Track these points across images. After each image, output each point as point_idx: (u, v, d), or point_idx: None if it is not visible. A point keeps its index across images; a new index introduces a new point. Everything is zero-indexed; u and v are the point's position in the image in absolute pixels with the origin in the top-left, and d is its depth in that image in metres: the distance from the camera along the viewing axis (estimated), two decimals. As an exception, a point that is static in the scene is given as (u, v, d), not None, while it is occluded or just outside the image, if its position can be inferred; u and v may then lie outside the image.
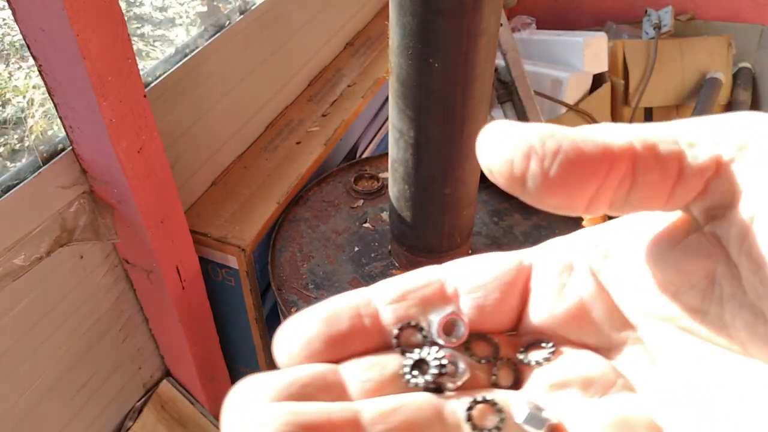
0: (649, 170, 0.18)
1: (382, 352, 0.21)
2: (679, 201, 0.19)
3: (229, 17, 1.07)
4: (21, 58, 1.03)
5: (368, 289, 0.22)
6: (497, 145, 0.19)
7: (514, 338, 0.23)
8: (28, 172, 0.79)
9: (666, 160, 0.19)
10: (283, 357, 0.21)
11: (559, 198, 0.19)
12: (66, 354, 0.92)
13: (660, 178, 0.19)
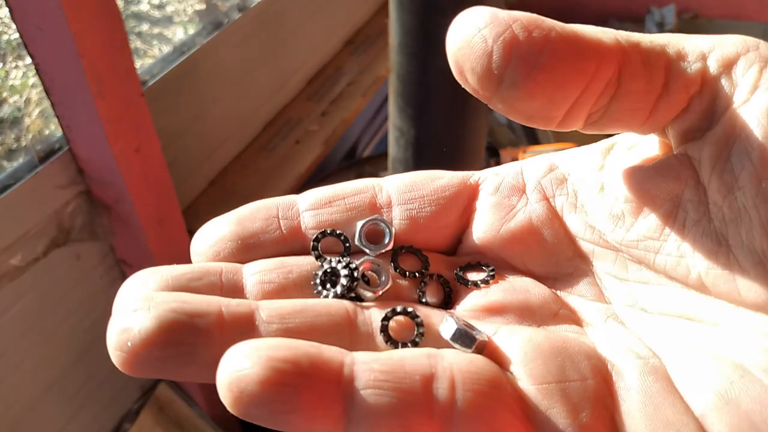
0: (636, 77, 0.17)
1: (294, 257, 0.19)
2: (659, 120, 0.18)
3: (227, 15, 1.07)
4: (18, 57, 1.02)
5: (296, 195, 0.21)
6: (473, 35, 0.17)
7: (453, 259, 0.21)
8: (25, 171, 0.79)
9: (653, 67, 0.17)
10: (194, 255, 0.19)
11: (537, 102, 0.16)
12: (63, 356, 0.91)
13: (645, 89, 0.17)
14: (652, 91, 0.17)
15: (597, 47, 0.17)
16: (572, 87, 0.17)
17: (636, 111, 0.17)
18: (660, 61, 0.17)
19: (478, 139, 0.80)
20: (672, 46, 0.18)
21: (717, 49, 0.17)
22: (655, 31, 2.23)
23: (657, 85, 0.17)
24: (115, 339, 0.16)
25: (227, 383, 0.14)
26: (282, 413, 0.14)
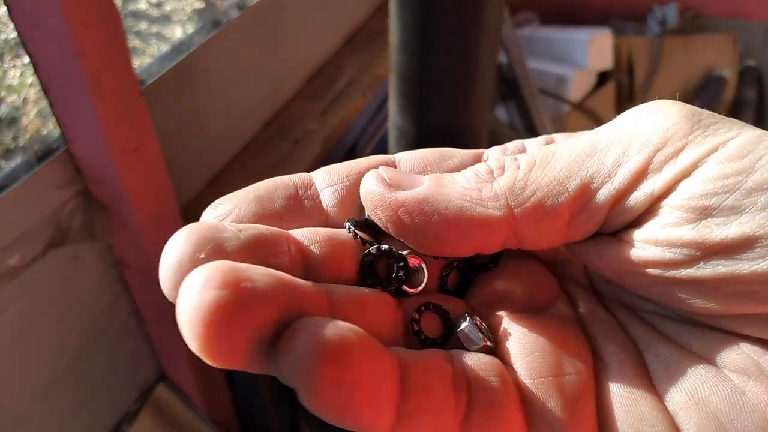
0: (536, 230, 0.17)
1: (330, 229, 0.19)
2: (578, 233, 0.17)
3: (226, 14, 1.06)
4: (16, 56, 1.02)
5: (308, 173, 0.20)
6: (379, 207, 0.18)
7: None
8: (23, 171, 0.78)
9: (553, 215, 0.16)
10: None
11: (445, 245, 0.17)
12: (60, 357, 0.91)
13: (550, 229, 0.17)
14: (558, 226, 0.17)
15: (482, 222, 0.17)
16: (467, 245, 0.17)
17: (548, 240, 0.17)
18: (560, 207, 0.17)
19: (479, 137, 0.80)
20: (574, 177, 0.16)
21: (623, 166, 0.16)
22: (656, 30, 2.23)
23: (562, 220, 0.17)
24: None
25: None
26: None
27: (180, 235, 0.17)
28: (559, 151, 0.16)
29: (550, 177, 0.16)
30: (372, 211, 0.18)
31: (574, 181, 0.16)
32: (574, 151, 0.16)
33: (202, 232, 0.17)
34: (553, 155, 0.16)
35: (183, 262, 0.17)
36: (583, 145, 0.16)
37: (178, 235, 0.17)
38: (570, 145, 0.16)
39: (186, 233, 0.17)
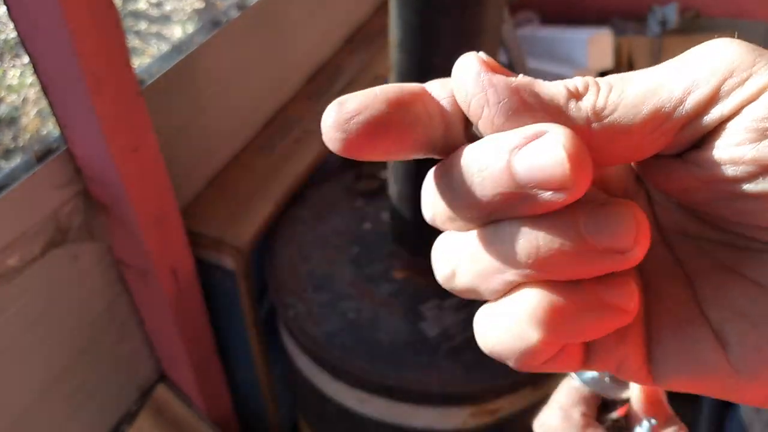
0: (609, 146, 0.17)
1: None
2: (647, 152, 0.18)
3: (226, 14, 1.06)
4: (15, 56, 1.02)
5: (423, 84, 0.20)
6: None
7: None
8: (22, 171, 0.78)
9: (627, 133, 0.17)
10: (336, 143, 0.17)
11: None
12: (59, 357, 0.91)
13: (623, 146, 0.17)
14: (628, 149, 0.18)
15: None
16: None
17: (625, 156, 0.18)
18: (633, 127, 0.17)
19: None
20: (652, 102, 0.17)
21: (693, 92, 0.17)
22: (657, 30, 2.22)
23: (632, 144, 0.17)
24: None
25: None
26: None
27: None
28: (635, 78, 0.18)
29: (627, 101, 0.17)
30: (462, 86, 0.18)
31: (648, 106, 0.17)
32: (646, 82, 0.18)
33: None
34: (630, 80, 0.18)
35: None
36: (653, 77, 0.18)
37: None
38: (642, 76, 0.18)
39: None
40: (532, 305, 0.16)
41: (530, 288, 0.17)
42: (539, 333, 0.16)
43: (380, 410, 0.88)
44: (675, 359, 0.18)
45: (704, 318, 0.18)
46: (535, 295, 0.16)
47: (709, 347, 0.17)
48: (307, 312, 0.91)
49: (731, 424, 1.43)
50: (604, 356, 0.18)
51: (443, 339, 0.87)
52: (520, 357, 0.17)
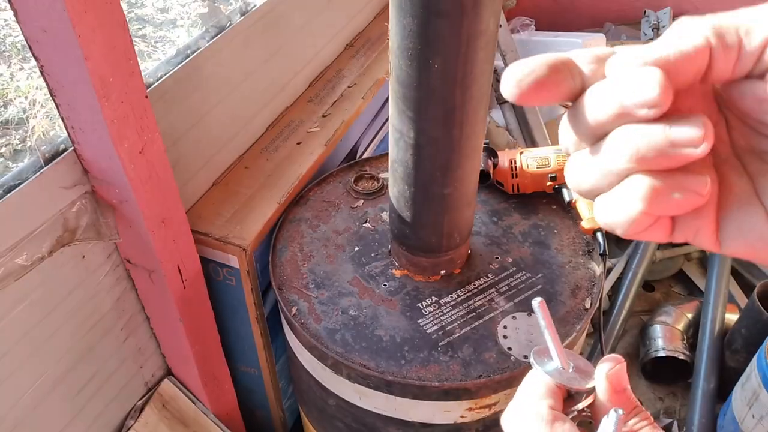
0: (719, 58, 0.23)
1: None
2: (742, 70, 0.24)
3: (230, 18, 1.08)
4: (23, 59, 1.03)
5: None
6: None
7: None
8: (30, 172, 0.79)
9: (730, 48, 0.23)
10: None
11: None
12: (68, 353, 0.92)
13: (727, 63, 0.23)
14: (729, 67, 0.24)
15: (701, 45, 0.24)
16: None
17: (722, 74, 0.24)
18: (735, 42, 0.24)
19: (477, 140, 0.82)
20: (742, 26, 0.23)
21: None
22: (650, 34, 2.24)
23: (733, 56, 0.24)
24: None
25: None
26: None
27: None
28: (731, 13, 0.24)
29: (729, 24, 0.23)
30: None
31: (741, 29, 0.23)
32: (735, 16, 0.24)
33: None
34: (729, 15, 0.24)
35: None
36: (738, 15, 0.24)
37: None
38: (729, 15, 0.24)
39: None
40: (638, 186, 0.24)
41: (636, 176, 0.24)
42: (642, 205, 0.24)
43: (380, 404, 0.89)
44: (737, 232, 0.25)
45: (761, 203, 0.25)
46: (640, 179, 0.24)
47: (763, 223, 0.25)
48: (309, 309, 0.93)
49: (724, 417, 1.45)
50: (685, 227, 0.26)
51: (441, 335, 0.89)
52: (627, 224, 0.24)
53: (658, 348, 1.62)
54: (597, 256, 0.99)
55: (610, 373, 0.33)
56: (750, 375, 1.34)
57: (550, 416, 0.32)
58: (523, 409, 0.33)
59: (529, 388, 0.34)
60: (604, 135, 0.25)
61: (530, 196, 1.09)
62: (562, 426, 0.32)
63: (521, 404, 0.33)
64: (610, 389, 0.33)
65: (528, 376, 0.35)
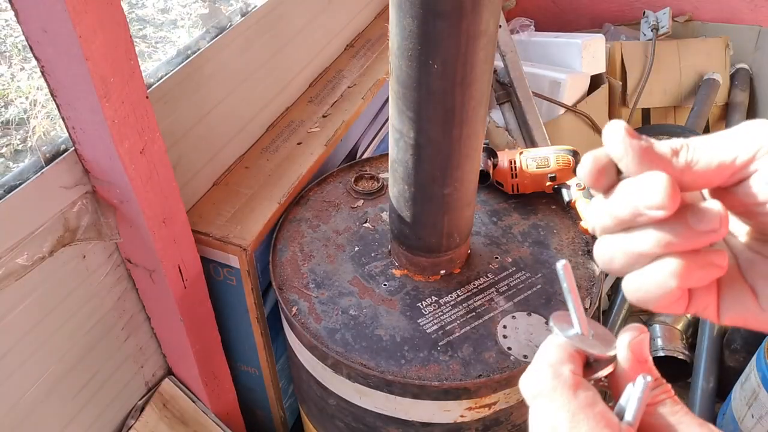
0: (695, 179, 0.29)
1: None
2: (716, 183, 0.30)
3: (230, 19, 1.08)
4: (24, 59, 1.04)
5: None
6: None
7: None
8: (31, 172, 0.79)
9: (706, 172, 0.29)
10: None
11: None
12: (68, 353, 0.92)
13: (702, 181, 0.30)
14: (705, 183, 0.30)
15: (673, 168, 0.30)
16: None
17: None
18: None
19: (476, 140, 0.82)
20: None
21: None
22: (649, 35, 2.24)
23: (708, 179, 0.30)
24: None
25: None
26: None
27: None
28: (707, 143, 0.29)
29: (704, 157, 0.29)
30: (612, 146, 0.30)
31: (715, 161, 0.29)
32: (713, 145, 0.29)
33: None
34: (704, 144, 0.29)
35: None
36: (717, 142, 0.29)
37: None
38: (711, 143, 0.30)
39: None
40: (670, 266, 0.28)
41: (668, 257, 0.28)
42: (676, 281, 0.28)
43: (380, 404, 0.90)
44: (731, 305, 0.31)
45: (745, 281, 0.31)
46: (671, 260, 0.28)
47: (748, 297, 0.31)
48: (309, 308, 0.93)
49: (723, 417, 1.45)
50: (699, 301, 0.31)
51: (441, 335, 0.89)
52: (661, 298, 0.29)
53: (657, 348, 1.62)
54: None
55: (633, 342, 0.32)
56: (749, 375, 1.34)
57: (573, 381, 0.30)
58: (545, 373, 0.31)
59: (549, 353, 0.32)
60: (632, 226, 0.29)
61: (530, 197, 1.10)
62: (585, 392, 0.30)
63: (543, 368, 0.31)
64: (632, 358, 0.32)
65: (547, 342, 0.33)
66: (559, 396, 0.30)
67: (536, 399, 0.31)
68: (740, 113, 2.04)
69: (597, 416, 0.28)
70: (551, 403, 0.30)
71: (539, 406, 0.30)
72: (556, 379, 0.30)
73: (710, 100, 2.02)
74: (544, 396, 0.30)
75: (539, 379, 0.31)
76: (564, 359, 0.31)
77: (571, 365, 0.31)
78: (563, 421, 0.29)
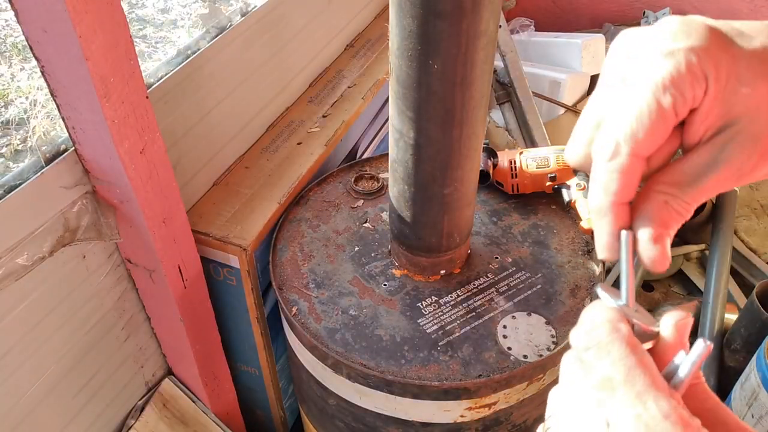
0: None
1: None
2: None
3: (230, 19, 1.08)
4: (24, 59, 1.04)
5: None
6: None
7: None
8: (31, 172, 0.79)
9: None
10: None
11: None
12: (68, 353, 0.92)
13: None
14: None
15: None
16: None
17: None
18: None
19: (476, 140, 0.82)
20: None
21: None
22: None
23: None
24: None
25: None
26: None
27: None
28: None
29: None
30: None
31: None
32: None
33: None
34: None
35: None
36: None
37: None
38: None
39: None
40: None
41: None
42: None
43: (380, 404, 0.90)
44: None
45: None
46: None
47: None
48: (309, 308, 0.93)
49: (722, 418, 1.45)
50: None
51: (441, 335, 0.89)
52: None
53: (657, 348, 1.62)
54: (596, 256, 1.00)
55: (680, 323, 0.32)
56: (749, 374, 1.34)
57: (631, 338, 0.30)
58: (600, 328, 0.30)
59: (604, 312, 0.31)
60: None
61: (530, 196, 1.10)
62: (642, 351, 0.29)
63: (598, 323, 0.31)
64: (676, 337, 0.32)
65: (596, 305, 0.32)
66: (617, 349, 0.29)
67: (589, 351, 0.30)
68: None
69: (653, 375, 0.28)
70: (608, 356, 0.29)
71: (592, 356, 0.30)
72: (615, 332, 0.30)
73: (710, 100, 2.02)
74: (601, 348, 0.29)
75: (596, 331, 0.30)
76: (621, 318, 0.31)
77: (627, 325, 0.31)
78: (619, 373, 0.28)
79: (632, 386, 0.28)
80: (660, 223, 0.32)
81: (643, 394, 0.27)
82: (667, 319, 0.32)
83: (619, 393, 0.28)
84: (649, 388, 0.27)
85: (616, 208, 0.32)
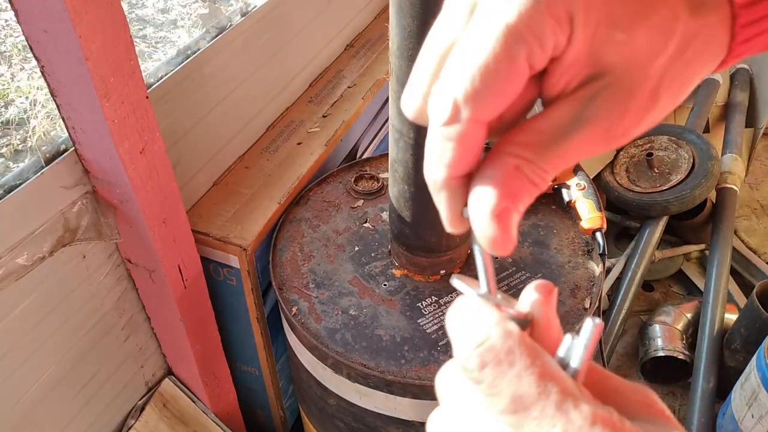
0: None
1: None
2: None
3: (230, 19, 1.08)
4: (24, 59, 1.04)
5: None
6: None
7: None
8: (31, 172, 0.79)
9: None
10: None
11: None
12: (68, 353, 0.92)
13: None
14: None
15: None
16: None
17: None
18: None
19: (476, 140, 0.82)
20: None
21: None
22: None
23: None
24: None
25: None
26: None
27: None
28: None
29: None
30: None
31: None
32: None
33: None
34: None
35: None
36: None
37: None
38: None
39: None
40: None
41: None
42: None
43: (380, 404, 0.90)
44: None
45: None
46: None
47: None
48: (309, 308, 0.94)
49: (723, 417, 1.45)
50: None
51: (441, 335, 0.89)
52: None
53: (657, 348, 1.62)
54: (596, 256, 1.00)
55: (543, 297, 0.26)
56: (749, 374, 1.34)
57: (527, 339, 0.24)
58: (494, 336, 0.24)
59: (484, 318, 0.24)
60: None
61: (530, 196, 1.10)
62: (540, 348, 0.24)
63: (485, 330, 0.24)
64: (550, 313, 0.26)
65: (465, 310, 0.25)
66: (519, 358, 0.23)
67: (486, 368, 0.23)
68: (740, 113, 2.04)
69: (560, 376, 0.23)
70: (511, 369, 0.23)
71: (492, 375, 0.23)
72: (509, 337, 0.23)
73: (710, 100, 2.02)
74: (501, 362, 0.23)
75: (488, 342, 0.24)
76: (504, 317, 0.24)
77: (512, 321, 0.25)
78: (530, 387, 0.22)
79: (547, 398, 0.22)
80: (506, 194, 0.24)
81: (562, 403, 0.22)
82: (529, 294, 0.26)
83: (536, 411, 0.22)
84: (564, 394, 0.22)
85: (453, 182, 0.26)
